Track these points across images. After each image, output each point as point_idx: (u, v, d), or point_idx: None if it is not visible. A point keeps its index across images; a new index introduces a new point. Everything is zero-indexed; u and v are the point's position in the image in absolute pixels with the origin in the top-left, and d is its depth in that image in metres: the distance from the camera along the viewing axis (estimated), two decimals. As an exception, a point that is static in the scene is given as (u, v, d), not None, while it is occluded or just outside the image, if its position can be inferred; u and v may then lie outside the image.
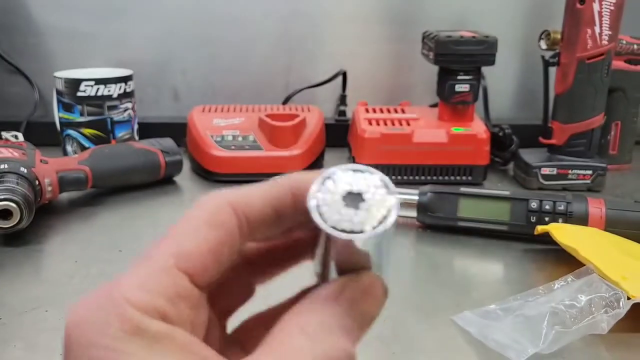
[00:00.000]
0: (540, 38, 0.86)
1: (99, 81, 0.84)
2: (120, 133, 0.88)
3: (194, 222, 0.21)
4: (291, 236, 0.24)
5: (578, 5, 0.77)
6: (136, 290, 0.19)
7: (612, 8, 0.77)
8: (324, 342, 0.20)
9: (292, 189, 0.22)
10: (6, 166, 0.64)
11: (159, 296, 0.19)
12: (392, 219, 0.20)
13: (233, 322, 0.26)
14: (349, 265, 0.22)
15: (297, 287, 0.25)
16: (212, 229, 0.21)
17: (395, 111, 0.91)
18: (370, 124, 0.84)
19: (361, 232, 0.20)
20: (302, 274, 0.25)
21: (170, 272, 0.19)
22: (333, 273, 0.22)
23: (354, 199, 0.20)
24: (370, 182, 0.20)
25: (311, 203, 0.20)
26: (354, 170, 0.21)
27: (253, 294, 0.26)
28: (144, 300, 0.18)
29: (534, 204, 0.64)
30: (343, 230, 0.19)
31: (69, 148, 0.87)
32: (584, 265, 0.53)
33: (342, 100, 1.03)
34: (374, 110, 0.90)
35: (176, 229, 0.21)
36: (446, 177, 0.83)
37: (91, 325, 0.18)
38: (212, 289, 0.21)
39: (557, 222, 0.63)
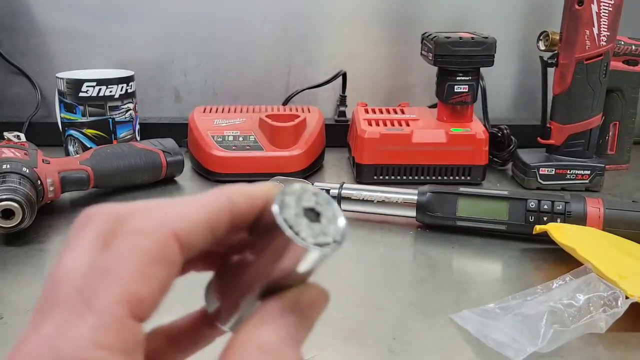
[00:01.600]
0: (538, 39, 0.86)
1: (100, 82, 0.84)
2: (122, 133, 0.88)
3: (139, 257, 0.18)
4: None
5: (576, 7, 0.78)
6: (92, 349, 0.16)
7: (610, 9, 0.77)
8: (284, 357, 0.19)
9: (231, 205, 0.20)
10: (8, 166, 0.65)
11: (118, 353, 0.17)
12: (346, 232, 0.21)
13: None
14: (293, 277, 0.21)
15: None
16: (162, 268, 0.18)
17: (395, 112, 0.91)
18: (370, 124, 0.85)
19: (326, 244, 0.20)
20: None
21: (125, 324, 0.17)
22: (259, 291, 0.22)
23: (311, 214, 0.21)
24: (321, 198, 0.21)
25: (276, 214, 0.20)
26: (301, 186, 0.21)
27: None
28: None
29: (532, 204, 0.64)
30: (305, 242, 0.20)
31: (70, 148, 0.87)
32: (582, 264, 0.53)
33: (342, 101, 1.03)
34: (374, 111, 0.91)
35: (117, 265, 0.18)
36: (445, 177, 0.83)
37: None
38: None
39: (556, 221, 0.63)
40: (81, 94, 0.84)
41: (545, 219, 0.64)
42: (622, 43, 0.85)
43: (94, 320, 0.17)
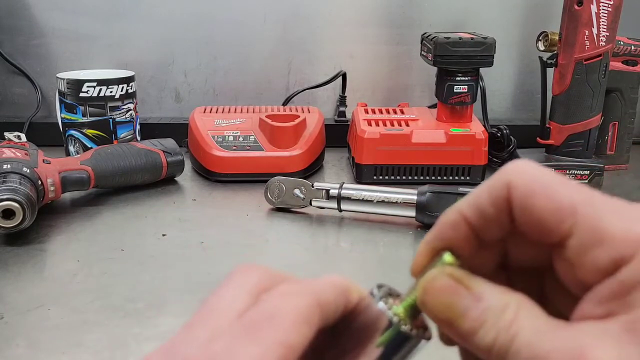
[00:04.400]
0: (538, 39, 0.86)
1: (101, 82, 0.84)
2: (123, 133, 0.88)
3: (295, 313, 0.21)
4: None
5: (576, 7, 0.78)
6: None
7: (609, 9, 0.77)
8: None
9: (346, 296, 0.24)
10: (9, 166, 0.65)
11: None
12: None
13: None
14: None
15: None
16: (308, 327, 0.21)
17: (394, 112, 0.91)
18: (370, 124, 0.85)
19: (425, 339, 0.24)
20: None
21: None
22: None
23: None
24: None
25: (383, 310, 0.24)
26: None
27: None
28: None
29: (531, 204, 0.64)
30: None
31: (71, 148, 0.87)
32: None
33: (342, 101, 1.04)
34: (373, 111, 0.91)
35: (279, 314, 0.21)
36: (444, 177, 0.84)
37: None
38: None
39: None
40: (82, 94, 0.84)
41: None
42: (622, 43, 0.86)
43: (260, 352, 0.20)
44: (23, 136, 0.76)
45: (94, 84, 0.84)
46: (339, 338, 0.24)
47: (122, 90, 0.86)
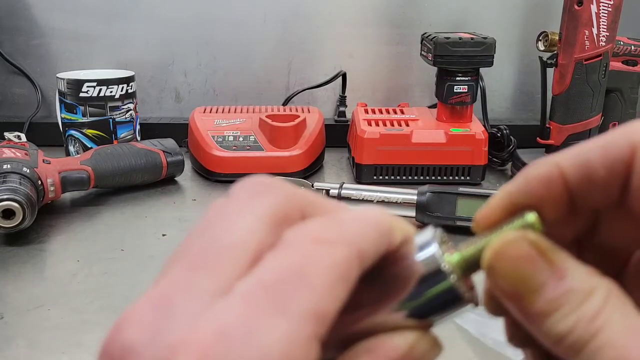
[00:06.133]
0: (538, 39, 0.87)
1: (101, 82, 0.84)
2: (123, 133, 0.88)
3: (329, 271, 0.16)
4: None
5: (576, 7, 0.78)
6: None
7: (609, 9, 0.77)
8: None
9: (390, 239, 0.19)
10: (9, 166, 0.65)
11: None
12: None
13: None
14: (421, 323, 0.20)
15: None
16: (345, 286, 0.16)
17: (394, 112, 0.91)
18: (370, 124, 0.85)
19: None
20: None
21: (312, 345, 0.15)
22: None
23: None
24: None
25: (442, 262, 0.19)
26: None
27: None
28: None
29: (531, 204, 0.64)
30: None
31: (71, 148, 0.87)
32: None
33: (342, 101, 1.04)
34: (373, 111, 0.91)
35: (310, 271, 0.16)
36: (444, 177, 0.84)
37: None
38: None
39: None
40: (82, 94, 0.84)
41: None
42: (622, 43, 0.86)
43: (286, 330, 0.15)
44: (23, 136, 0.76)
45: (94, 84, 0.84)
46: (372, 283, 0.20)
47: (122, 90, 0.86)
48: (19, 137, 0.75)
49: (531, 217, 0.19)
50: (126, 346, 0.15)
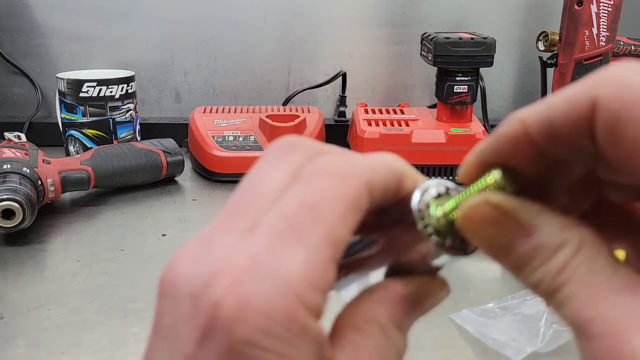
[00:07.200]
0: (538, 39, 0.87)
1: (101, 82, 0.84)
2: (123, 133, 0.88)
3: (340, 201, 0.18)
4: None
5: (576, 7, 0.78)
6: (306, 287, 0.17)
7: (609, 9, 0.77)
8: (391, 337, 0.20)
9: (400, 177, 0.21)
10: (9, 166, 0.65)
11: (321, 294, 0.17)
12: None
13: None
14: (426, 267, 0.22)
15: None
16: (356, 214, 0.18)
17: (394, 112, 0.91)
18: (370, 124, 0.85)
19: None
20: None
21: (328, 266, 0.17)
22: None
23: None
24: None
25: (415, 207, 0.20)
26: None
27: None
28: (311, 300, 0.17)
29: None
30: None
31: (71, 148, 0.87)
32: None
33: (342, 101, 1.04)
34: (373, 111, 0.91)
35: (323, 204, 0.18)
36: (444, 177, 0.84)
37: (255, 319, 0.16)
38: None
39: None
40: (82, 94, 0.84)
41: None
42: (622, 43, 0.86)
43: (305, 256, 0.17)
44: (23, 136, 0.76)
45: (94, 84, 0.84)
46: (385, 225, 0.22)
47: (122, 90, 0.86)
48: (19, 137, 0.75)
49: (494, 175, 0.19)
50: (177, 275, 0.18)
